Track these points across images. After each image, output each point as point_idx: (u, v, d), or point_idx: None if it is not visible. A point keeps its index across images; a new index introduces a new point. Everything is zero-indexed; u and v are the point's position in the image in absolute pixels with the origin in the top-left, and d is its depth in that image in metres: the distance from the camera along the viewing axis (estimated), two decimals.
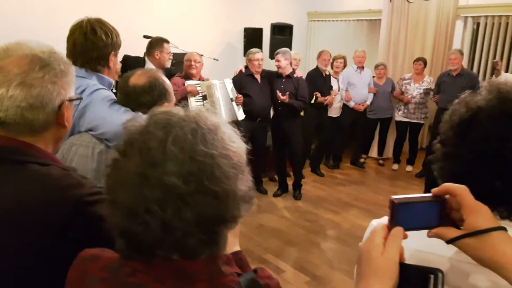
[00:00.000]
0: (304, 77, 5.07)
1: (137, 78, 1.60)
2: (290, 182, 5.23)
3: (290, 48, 6.81)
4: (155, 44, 3.88)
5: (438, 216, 0.75)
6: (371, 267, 0.70)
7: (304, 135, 5.12)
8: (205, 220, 0.70)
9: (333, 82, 5.70)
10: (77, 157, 1.54)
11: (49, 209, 0.93)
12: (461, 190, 0.73)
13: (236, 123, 4.51)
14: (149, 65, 3.86)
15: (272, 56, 6.34)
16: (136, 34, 4.50)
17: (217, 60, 5.48)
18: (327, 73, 5.57)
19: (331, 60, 5.63)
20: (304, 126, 5.20)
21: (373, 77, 6.21)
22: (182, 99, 3.98)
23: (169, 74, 4.18)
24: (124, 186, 0.71)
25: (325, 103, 5.43)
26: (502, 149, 0.77)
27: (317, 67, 5.51)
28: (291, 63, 4.86)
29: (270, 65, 5.73)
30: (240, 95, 4.41)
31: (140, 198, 0.69)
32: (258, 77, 4.75)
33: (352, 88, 5.97)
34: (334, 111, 5.85)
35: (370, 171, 6.34)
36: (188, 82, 4.03)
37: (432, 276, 0.67)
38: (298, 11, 8.06)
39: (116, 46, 1.78)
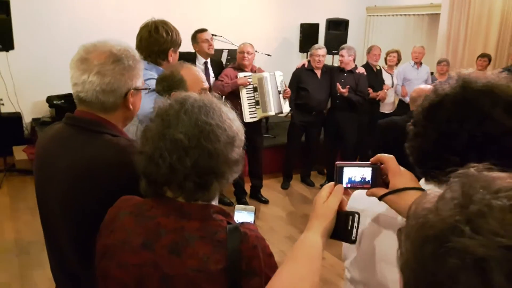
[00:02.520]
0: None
1: (177, 74, 1.91)
2: None
3: (345, 43, 6.87)
4: (192, 39, 4.18)
5: (374, 179, 1.00)
6: (315, 211, 0.98)
7: (358, 131, 5.14)
8: (199, 167, 0.98)
9: (386, 77, 5.67)
10: (128, 133, 1.86)
11: (119, 168, 1.20)
12: (388, 159, 0.94)
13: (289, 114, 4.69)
14: (199, 57, 4.19)
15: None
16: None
17: (270, 55, 5.67)
18: (378, 68, 5.56)
19: (383, 55, 5.61)
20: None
21: (432, 73, 6.08)
22: (234, 90, 4.20)
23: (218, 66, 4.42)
24: (148, 140, 1.02)
25: (377, 99, 5.43)
26: (460, 130, 0.88)
27: (367, 62, 5.53)
28: (354, 59, 4.95)
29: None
30: (288, 89, 4.56)
31: (157, 148, 0.98)
32: (318, 72, 4.87)
33: (408, 84, 5.89)
34: (387, 107, 5.81)
35: None
36: (240, 74, 4.23)
37: (350, 216, 0.96)
38: (356, 6, 8.05)
39: (175, 43, 2.10)
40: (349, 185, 1.02)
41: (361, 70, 5.00)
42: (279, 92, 4.44)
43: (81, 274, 1.30)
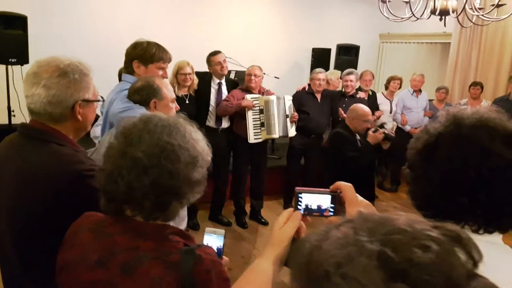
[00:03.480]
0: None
1: (137, 82, 2.03)
2: None
3: (355, 69, 6.89)
4: (206, 61, 4.33)
5: (334, 207, 0.97)
6: (271, 237, 0.96)
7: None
8: (158, 187, 0.99)
9: (385, 103, 5.64)
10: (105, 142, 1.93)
11: (58, 176, 1.26)
12: (346, 187, 0.93)
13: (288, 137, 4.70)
14: (214, 78, 4.33)
15: None
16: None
17: (278, 78, 5.72)
18: (370, 93, 5.50)
19: (383, 81, 5.62)
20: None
21: (432, 100, 6.05)
22: (239, 111, 4.25)
23: (233, 86, 4.50)
24: (110, 157, 1.04)
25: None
26: (465, 167, 0.84)
27: (359, 87, 5.49)
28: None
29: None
30: (296, 114, 4.58)
31: (117, 165, 1.00)
32: (318, 96, 4.88)
33: (408, 112, 5.86)
34: None
35: None
36: (247, 96, 4.28)
37: None
38: (369, 32, 8.09)
39: (140, 56, 2.22)
40: (306, 212, 0.99)
41: (362, 95, 5.02)
42: (287, 116, 4.47)
43: (22, 281, 1.33)
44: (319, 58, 7.29)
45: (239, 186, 4.60)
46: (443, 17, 3.44)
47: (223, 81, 4.37)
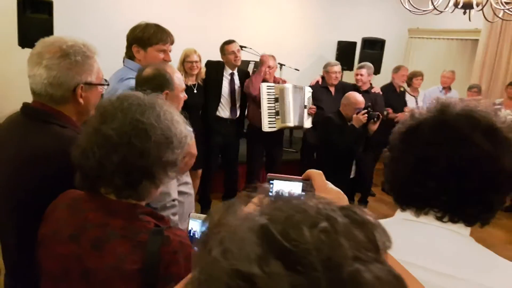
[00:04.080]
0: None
1: (147, 71, 1.91)
2: (356, 198, 5.17)
3: (380, 63, 6.75)
4: (220, 50, 4.28)
5: (305, 195, 0.94)
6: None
7: (373, 153, 4.98)
8: (126, 165, 1.00)
9: (410, 99, 5.49)
10: None
11: (57, 157, 1.25)
12: (316, 174, 0.91)
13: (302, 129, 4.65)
14: (227, 67, 4.28)
15: None
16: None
17: (298, 70, 5.66)
18: (402, 89, 5.39)
19: (408, 77, 5.46)
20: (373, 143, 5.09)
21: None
22: (257, 100, 4.23)
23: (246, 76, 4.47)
24: (85, 134, 1.06)
25: (395, 120, 5.26)
26: (439, 153, 0.86)
27: (391, 82, 5.36)
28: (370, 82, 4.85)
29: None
30: (314, 106, 4.53)
31: (90, 142, 1.03)
32: (332, 89, 4.81)
33: None
34: None
35: None
36: (263, 84, 4.27)
37: None
38: (398, 26, 7.90)
39: (138, 40, 2.16)
40: None
41: (376, 90, 4.87)
42: (305, 107, 4.42)
43: (17, 260, 1.35)
44: (344, 51, 7.18)
45: (253, 178, 4.59)
46: (466, 11, 3.31)
47: (235, 71, 4.34)
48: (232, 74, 4.32)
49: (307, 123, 4.50)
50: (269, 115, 4.26)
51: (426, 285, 0.81)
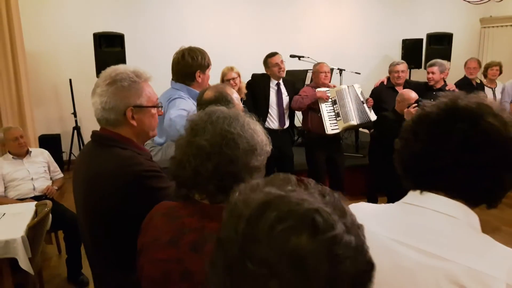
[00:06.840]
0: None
1: (208, 93, 2.01)
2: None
3: (449, 59, 6.42)
4: (263, 63, 4.37)
5: None
6: None
7: None
8: (219, 172, 1.10)
9: (487, 91, 5.15)
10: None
11: (116, 177, 1.36)
12: None
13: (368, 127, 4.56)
14: (272, 79, 4.38)
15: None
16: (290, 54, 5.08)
17: (359, 73, 5.57)
18: (478, 81, 5.07)
19: (482, 68, 5.12)
20: None
21: None
22: (313, 104, 4.28)
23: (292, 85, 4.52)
24: (179, 147, 1.15)
25: None
26: (452, 128, 0.88)
27: (465, 76, 5.09)
28: (444, 78, 4.63)
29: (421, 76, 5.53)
30: (371, 98, 4.49)
31: (185, 153, 1.12)
32: (399, 89, 4.61)
33: None
34: None
35: None
36: (318, 89, 4.30)
37: None
38: (467, 18, 7.47)
39: (201, 66, 2.30)
40: None
41: (451, 87, 4.60)
42: (363, 102, 4.37)
43: (99, 271, 1.52)
44: (410, 49, 6.96)
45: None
46: None
47: (281, 81, 4.40)
48: (278, 85, 4.40)
49: (373, 116, 4.40)
50: (329, 118, 4.27)
51: (416, 265, 0.85)
